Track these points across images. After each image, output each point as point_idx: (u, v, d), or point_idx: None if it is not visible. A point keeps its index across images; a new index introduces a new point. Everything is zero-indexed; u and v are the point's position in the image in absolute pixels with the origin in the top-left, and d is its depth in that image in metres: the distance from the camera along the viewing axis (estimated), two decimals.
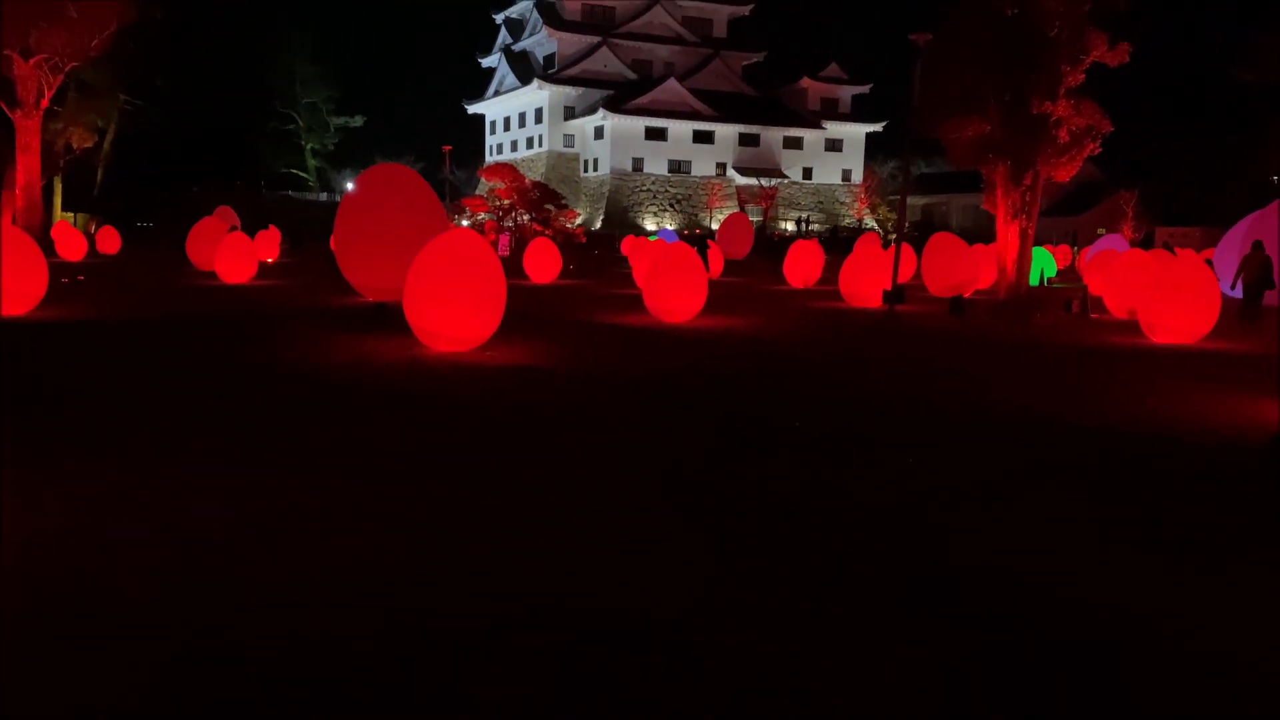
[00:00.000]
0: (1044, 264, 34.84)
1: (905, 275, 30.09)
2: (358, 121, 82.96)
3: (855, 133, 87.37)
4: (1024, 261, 25.04)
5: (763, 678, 4.15)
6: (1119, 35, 22.92)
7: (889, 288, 22.54)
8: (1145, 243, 62.19)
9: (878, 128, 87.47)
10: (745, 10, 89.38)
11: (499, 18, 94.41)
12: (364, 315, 18.66)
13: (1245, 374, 13.85)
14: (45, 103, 35.64)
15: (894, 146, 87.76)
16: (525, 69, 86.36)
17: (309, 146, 70.93)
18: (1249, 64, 40.11)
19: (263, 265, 32.71)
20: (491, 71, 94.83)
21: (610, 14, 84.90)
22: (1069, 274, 42.65)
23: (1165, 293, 17.33)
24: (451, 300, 13.23)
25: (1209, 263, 30.08)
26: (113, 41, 35.75)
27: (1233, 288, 22.50)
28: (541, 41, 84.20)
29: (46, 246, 31.36)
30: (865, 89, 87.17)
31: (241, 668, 4.11)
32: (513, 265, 30.09)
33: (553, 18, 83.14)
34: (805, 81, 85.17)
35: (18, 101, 34.61)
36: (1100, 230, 63.62)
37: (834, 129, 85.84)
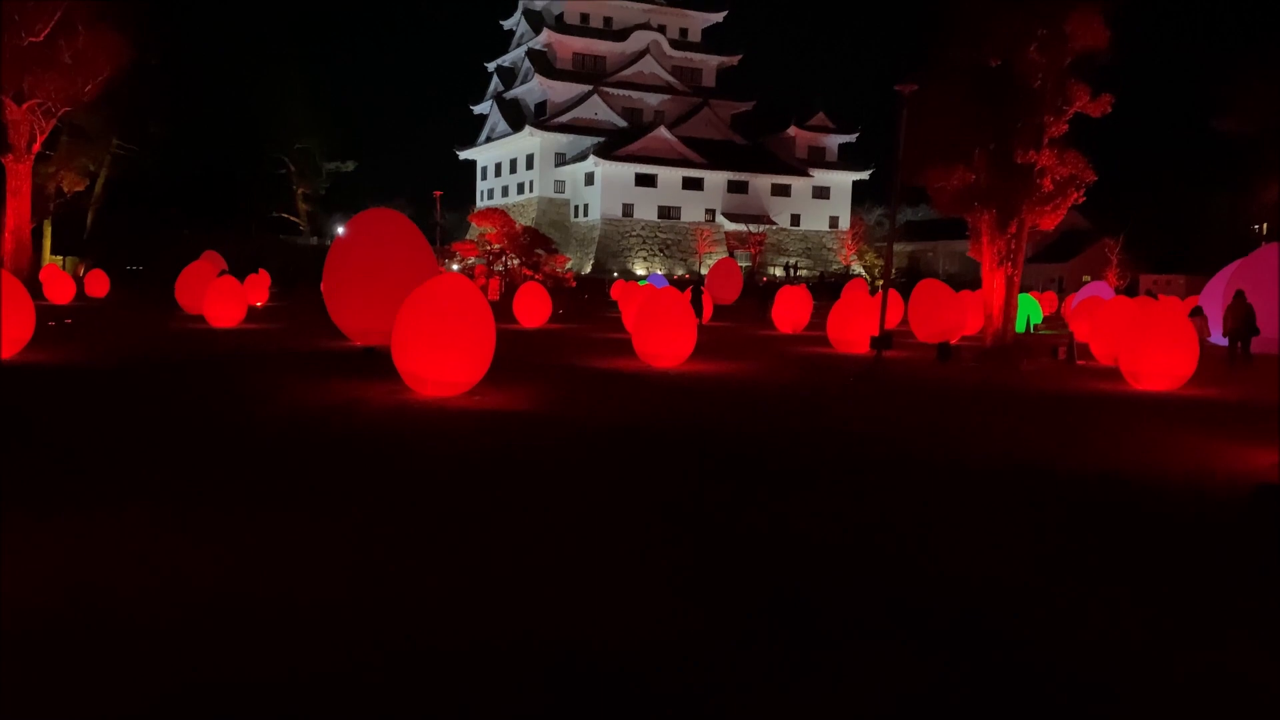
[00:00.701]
0: (1030, 310, 35.12)
1: (893, 321, 30.30)
2: (349, 166, 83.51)
3: (842, 180, 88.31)
4: (1010, 308, 25.21)
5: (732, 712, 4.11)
6: (1101, 87, 23.33)
7: (876, 334, 22.66)
8: (1130, 290, 62.80)
9: (864, 175, 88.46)
10: (733, 61, 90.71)
11: (491, 66, 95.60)
12: (352, 359, 18.65)
13: (1226, 420, 13.93)
14: (37, 147, 35.78)
15: (881, 193, 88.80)
16: (517, 116, 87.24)
17: (300, 191, 71.22)
18: (1227, 115, 40.81)
19: (252, 309, 32.70)
20: (483, 119, 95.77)
21: (601, 63, 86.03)
22: (1055, 321, 42.96)
23: (1147, 340, 17.46)
24: (440, 345, 13.23)
25: (1198, 310, 30.42)
26: (106, 87, 35.97)
27: (1225, 335, 22.93)
28: (533, 89, 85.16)
29: (34, 289, 31.32)
30: (852, 138, 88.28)
31: (236, 700, 4.06)
32: (502, 309, 30.16)
33: (544, 66, 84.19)
34: (793, 130, 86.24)
35: (9, 146, 34.73)
36: (1085, 277, 64.22)
37: (821, 176, 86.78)
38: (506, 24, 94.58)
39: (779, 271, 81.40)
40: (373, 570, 6.11)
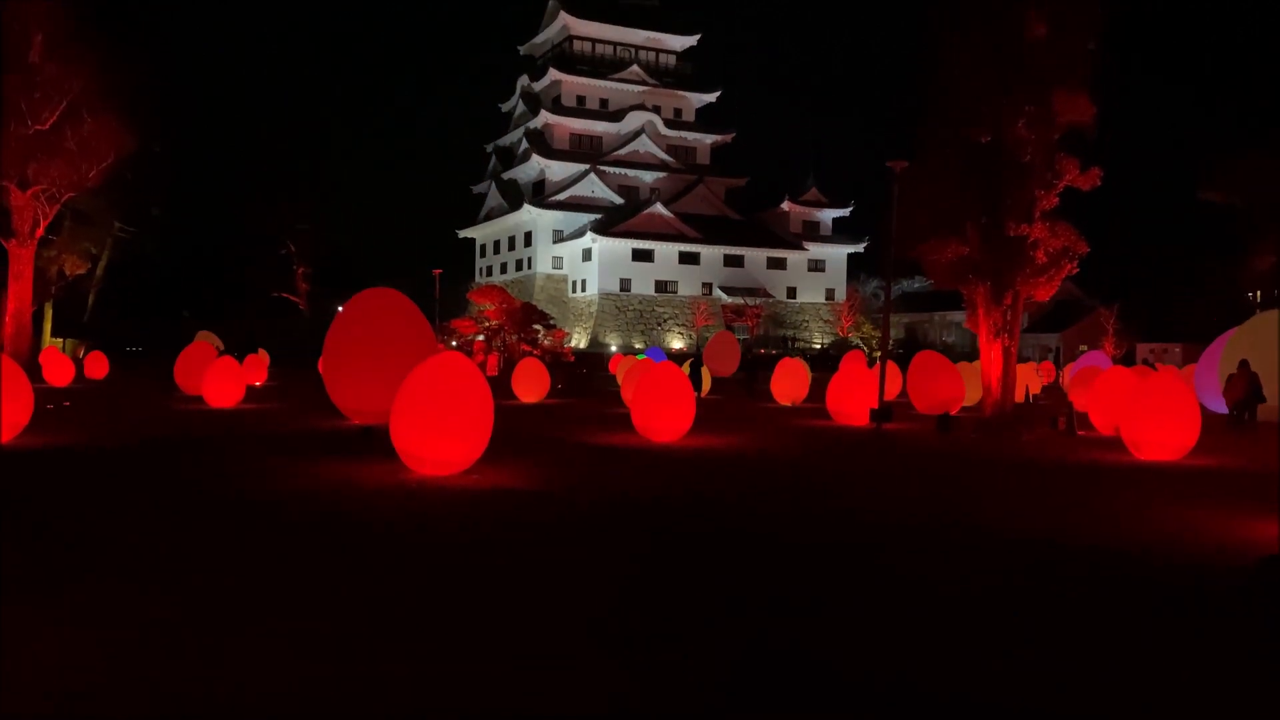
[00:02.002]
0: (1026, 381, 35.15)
1: (891, 393, 30.30)
2: (350, 246, 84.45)
3: (837, 253, 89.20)
4: (1009, 379, 25.22)
5: None
6: (1090, 160, 23.68)
7: (876, 406, 22.64)
8: (1127, 359, 62.97)
9: (859, 248, 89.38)
10: (727, 139, 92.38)
11: (490, 147, 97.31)
12: (350, 439, 18.57)
13: (1231, 491, 13.84)
14: (40, 232, 36.12)
15: (876, 265, 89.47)
16: (515, 195, 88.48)
17: (300, 270, 71.84)
18: (1213, 186, 41.38)
19: (251, 389, 32.70)
20: (482, 198, 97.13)
21: (598, 143, 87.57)
22: (1053, 390, 42.97)
23: (1148, 410, 17.43)
24: (438, 425, 13.19)
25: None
26: (110, 172, 36.47)
27: (1229, 404, 23.24)
28: (531, 169, 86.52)
29: (34, 372, 31.35)
30: (845, 211, 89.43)
31: None
32: (501, 385, 30.19)
33: (542, 146, 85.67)
34: (787, 205, 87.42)
35: (12, 231, 35.08)
36: (1082, 347, 64.44)
37: (816, 250, 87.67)
38: (505, 106, 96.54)
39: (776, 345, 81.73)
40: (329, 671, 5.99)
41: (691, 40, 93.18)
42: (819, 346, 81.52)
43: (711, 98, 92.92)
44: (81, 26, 33.58)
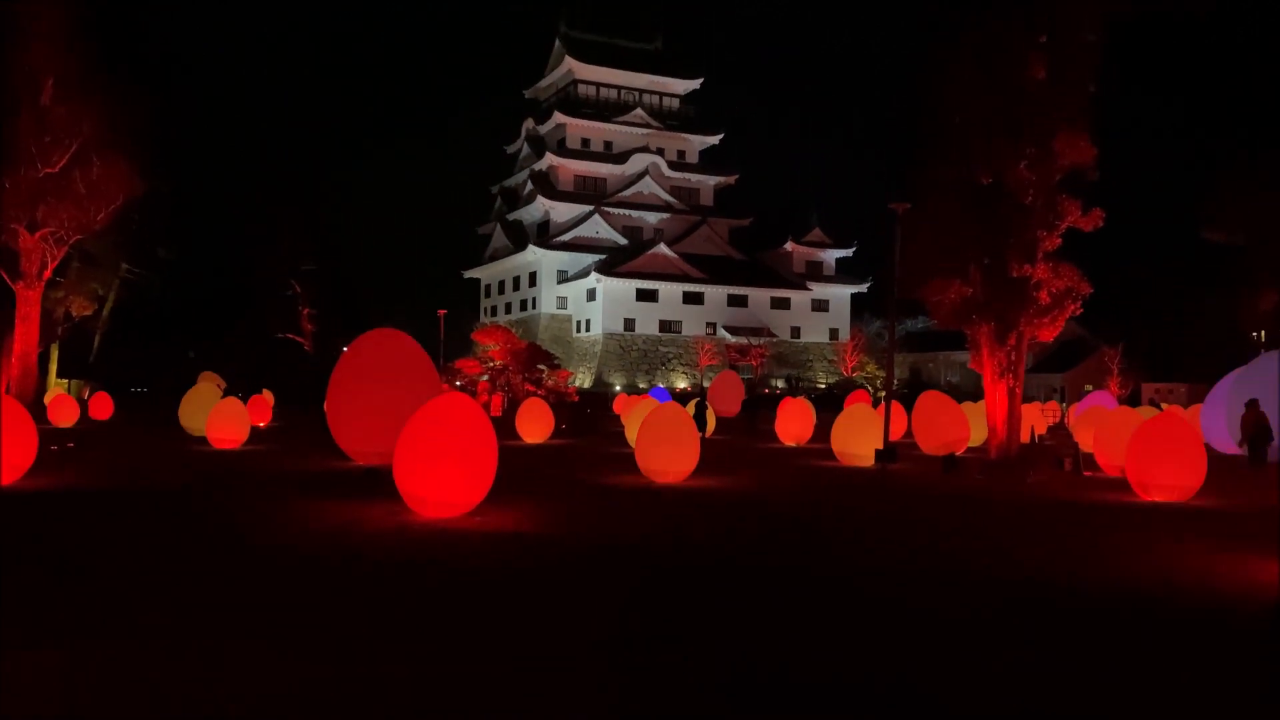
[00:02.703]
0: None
1: (896, 433, 30.20)
2: (355, 287, 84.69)
3: (840, 293, 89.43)
4: (1014, 419, 25.17)
5: None
6: (1092, 201, 23.83)
7: (881, 446, 22.55)
8: (1132, 399, 62.83)
9: (862, 288, 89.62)
10: (730, 180, 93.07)
11: (495, 189, 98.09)
12: (353, 480, 18.52)
13: (1240, 532, 13.73)
14: (48, 274, 36.30)
15: (879, 305, 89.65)
16: (520, 235, 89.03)
17: (306, 311, 72.11)
18: (1213, 224, 41.51)
19: (255, 430, 32.68)
20: (487, 239, 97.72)
21: (602, 184, 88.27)
22: (1058, 431, 42.82)
23: (1155, 450, 17.35)
24: (442, 466, 13.15)
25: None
26: (118, 214, 36.73)
27: (1241, 443, 23.22)
28: (536, 210, 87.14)
29: (38, 413, 31.38)
30: (849, 251, 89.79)
31: None
32: (505, 425, 30.15)
33: (547, 188, 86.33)
34: (790, 245, 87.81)
35: (20, 273, 35.25)
36: (1087, 387, 64.34)
37: (820, 290, 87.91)
38: (510, 149, 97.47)
39: (781, 383, 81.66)
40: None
41: (694, 84, 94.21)
42: (823, 386, 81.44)
43: (714, 140, 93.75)
44: (92, 70, 33.99)
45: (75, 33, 33.42)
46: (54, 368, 49.18)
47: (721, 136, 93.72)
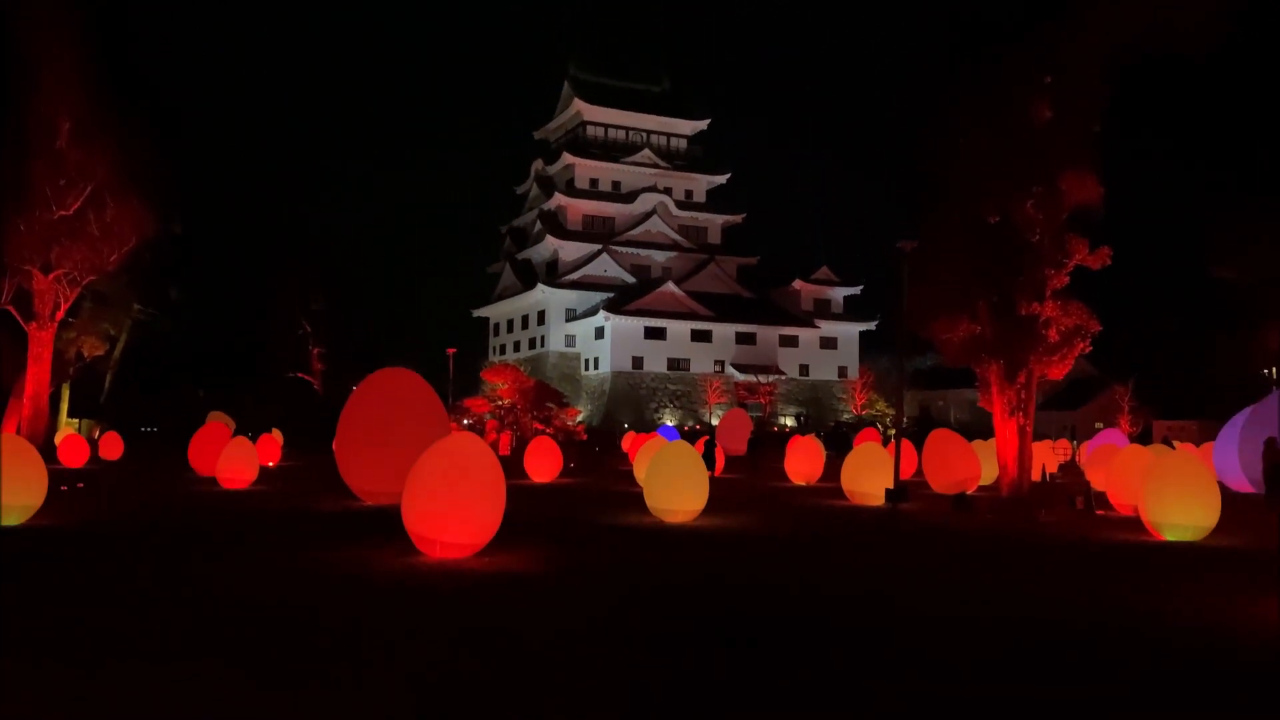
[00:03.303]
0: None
1: (907, 472, 30.03)
2: (365, 326, 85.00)
3: (849, 331, 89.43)
4: (1025, 458, 25.03)
5: None
6: (1100, 238, 23.87)
7: (891, 485, 22.42)
8: (1144, 436, 62.42)
9: (871, 326, 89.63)
10: (737, 219, 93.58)
11: (504, 229, 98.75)
12: (362, 520, 18.47)
13: (1258, 573, 13.57)
14: (60, 315, 36.53)
15: (888, 343, 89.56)
16: (529, 274, 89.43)
17: (316, 350, 72.38)
18: (1223, 261, 41.46)
19: (264, 469, 32.66)
20: (496, 278, 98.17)
21: (610, 224, 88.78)
22: (1070, 469, 42.54)
23: (1168, 489, 17.20)
24: (449, 507, 13.11)
25: None
26: (130, 254, 37.02)
27: (1259, 485, 23.11)
28: (545, 249, 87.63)
29: (49, 453, 31.43)
30: (856, 290, 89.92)
31: None
32: (513, 464, 30.08)
33: (556, 227, 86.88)
34: (798, 283, 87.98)
35: (34, 314, 35.48)
36: (1098, 425, 63.99)
37: (828, 327, 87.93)
38: (519, 189, 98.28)
39: (790, 421, 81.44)
40: None
41: (701, 124, 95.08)
42: (832, 424, 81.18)
43: (722, 179, 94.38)
44: (108, 113, 34.42)
45: (92, 77, 33.90)
46: (65, 407, 49.33)
47: (729, 176, 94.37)
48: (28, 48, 32.66)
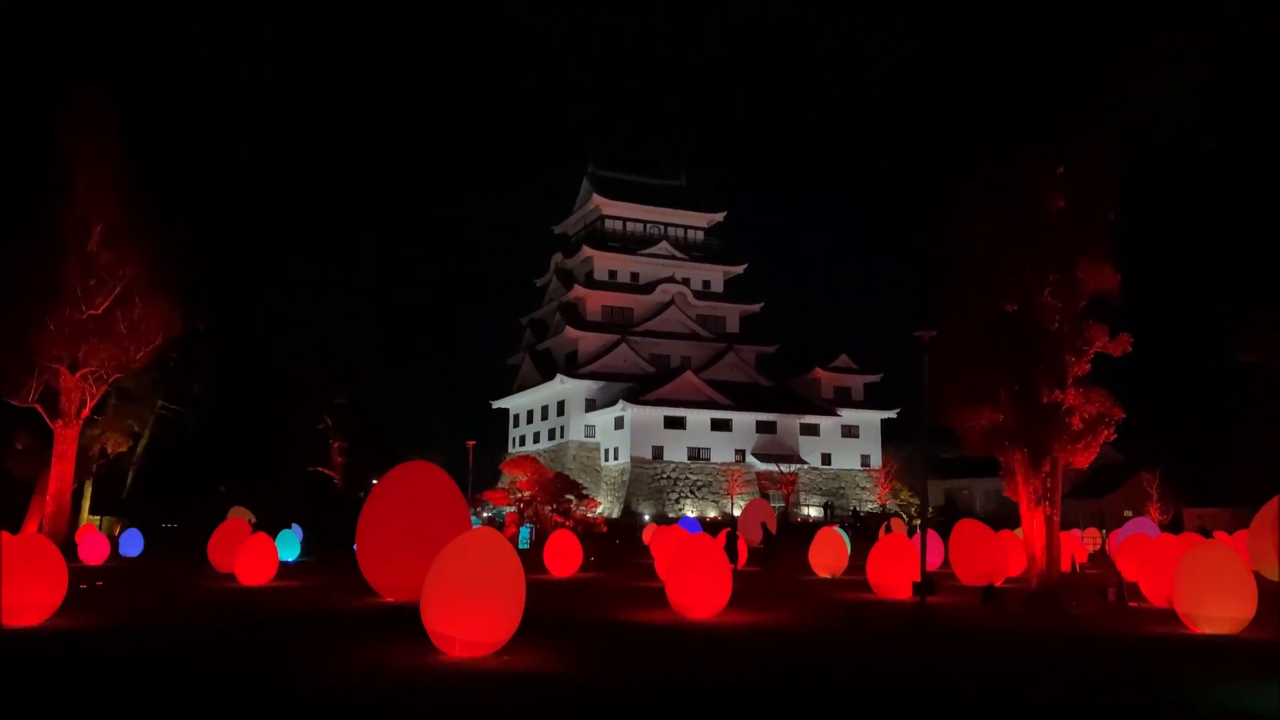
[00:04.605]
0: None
1: (933, 563, 29.50)
2: (386, 420, 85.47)
3: (870, 419, 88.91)
4: (1053, 548, 24.58)
5: None
6: (1120, 325, 23.83)
7: (918, 578, 22.01)
8: (1174, 525, 61.25)
9: (892, 414, 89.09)
10: (755, 308, 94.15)
11: (525, 320, 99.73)
12: (381, 618, 18.25)
13: None
14: (86, 412, 36.92)
15: (910, 432, 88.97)
16: (548, 365, 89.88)
17: (337, 445, 72.57)
18: (1247, 348, 41.22)
19: (284, 565, 32.47)
20: (516, 369, 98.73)
21: (629, 314, 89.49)
22: (1099, 559, 41.69)
23: (1204, 581, 16.79)
24: (469, 605, 12.96)
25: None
26: (156, 352, 37.56)
27: None
28: (564, 340, 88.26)
29: (69, 550, 31.41)
30: (877, 378, 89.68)
31: None
32: (533, 558, 29.75)
33: (575, 319, 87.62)
34: (817, 372, 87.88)
35: (60, 412, 35.87)
36: (1127, 513, 62.93)
37: (849, 416, 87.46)
38: (539, 281, 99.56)
39: (814, 511, 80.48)
40: None
41: (718, 217, 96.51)
42: (857, 513, 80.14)
43: (739, 270, 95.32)
44: (140, 217, 35.34)
45: (125, 182, 34.92)
46: (86, 504, 49.43)
47: (745, 266, 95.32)
48: (65, 154, 33.75)
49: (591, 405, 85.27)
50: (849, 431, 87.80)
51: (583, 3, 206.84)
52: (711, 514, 77.08)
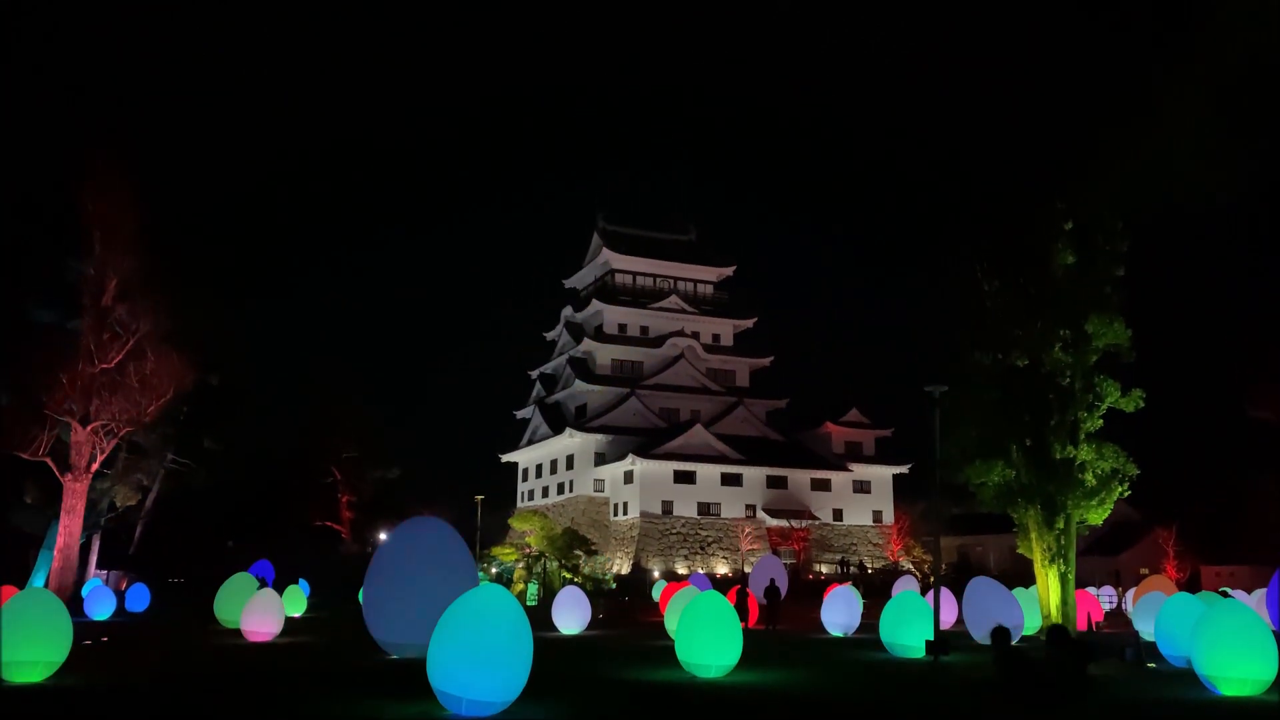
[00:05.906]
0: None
1: (946, 621, 29.09)
2: (394, 474, 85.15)
3: (882, 474, 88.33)
4: (1069, 606, 24.24)
5: None
6: (1133, 381, 23.76)
7: (931, 637, 21.69)
8: (1191, 582, 60.40)
9: (904, 470, 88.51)
10: (765, 362, 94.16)
11: (534, 374, 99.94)
12: (387, 675, 18.03)
13: None
14: (96, 466, 36.91)
15: (923, 487, 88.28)
16: (558, 419, 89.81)
17: (345, 499, 72.42)
18: (1260, 404, 40.99)
19: (290, 620, 32.20)
20: (525, 423, 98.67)
21: (639, 368, 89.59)
22: (1116, 617, 41.05)
23: (1224, 641, 16.48)
24: (476, 663, 12.81)
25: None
26: (167, 405, 37.65)
27: None
28: (574, 394, 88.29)
29: (75, 606, 31.25)
30: (888, 433, 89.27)
31: None
32: (541, 615, 29.45)
33: (584, 372, 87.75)
34: (828, 426, 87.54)
35: (70, 466, 35.86)
36: (1143, 570, 62.11)
37: (861, 470, 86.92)
38: (549, 335, 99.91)
39: (826, 568, 79.61)
40: None
41: (727, 271, 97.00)
42: (869, 569, 79.24)
43: (749, 324, 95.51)
44: (155, 273, 35.70)
45: (141, 239, 35.36)
46: (94, 559, 49.23)
47: (755, 320, 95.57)
48: (83, 213, 34.25)
49: (601, 459, 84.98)
50: (860, 487, 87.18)
51: (594, 58, 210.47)
52: (722, 570, 76.33)
